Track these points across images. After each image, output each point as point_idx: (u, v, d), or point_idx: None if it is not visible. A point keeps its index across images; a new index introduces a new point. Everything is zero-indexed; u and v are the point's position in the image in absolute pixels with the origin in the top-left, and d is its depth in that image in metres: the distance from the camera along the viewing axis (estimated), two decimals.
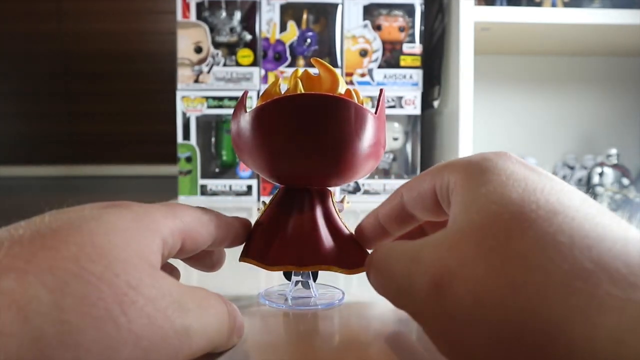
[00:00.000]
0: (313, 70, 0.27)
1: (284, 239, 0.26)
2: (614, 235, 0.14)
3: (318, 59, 0.27)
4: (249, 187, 0.82)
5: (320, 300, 0.27)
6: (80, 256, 0.14)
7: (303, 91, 0.25)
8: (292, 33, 0.82)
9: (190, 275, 0.34)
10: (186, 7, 0.81)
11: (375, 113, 0.25)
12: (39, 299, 0.13)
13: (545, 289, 0.13)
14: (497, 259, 0.14)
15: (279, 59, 0.82)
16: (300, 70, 0.27)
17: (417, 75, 0.83)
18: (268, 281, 0.33)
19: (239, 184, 0.82)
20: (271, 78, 0.81)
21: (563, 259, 0.13)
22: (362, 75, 0.83)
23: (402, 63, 0.83)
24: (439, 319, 0.16)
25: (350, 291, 0.29)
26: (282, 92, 0.26)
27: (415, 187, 0.22)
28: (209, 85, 0.81)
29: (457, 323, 0.15)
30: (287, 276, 0.28)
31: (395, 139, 0.86)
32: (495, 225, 0.15)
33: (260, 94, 0.25)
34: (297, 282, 0.28)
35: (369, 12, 0.82)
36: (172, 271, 0.26)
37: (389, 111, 0.83)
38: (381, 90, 0.26)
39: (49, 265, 0.14)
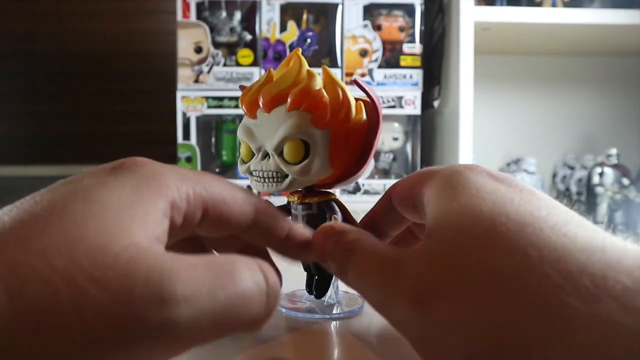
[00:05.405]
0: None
1: None
2: (580, 246, 0.14)
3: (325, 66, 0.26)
4: (249, 188, 0.82)
5: (346, 308, 0.26)
6: (48, 249, 0.13)
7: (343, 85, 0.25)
8: (292, 33, 0.82)
9: None
10: (186, 7, 0.81)
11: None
12: None
13: (519, 307, 0.14)
14: (472, 277, 0.15)
15: (279, 58, 0.82)
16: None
17: (417, 75, 0.83)
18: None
19: (239, 184, 0.82)
20: None
21: (533, 274, 0.14)
22: (362, 75, 0.83)
23: (402, 63, 0.83)
24: (420, 334, 0.16)
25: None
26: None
27: (400, 192, 0.23)
28: (209, 85, 0.81)
29: (437, 339, 0.15)
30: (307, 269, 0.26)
31: (395, 139, 0.86)
32: (469, 242, 0.16)
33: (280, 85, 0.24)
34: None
35: (369, 12, 0.82)
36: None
37: (389, 111, 0.83)
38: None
39: (15, 262, 0.12)
